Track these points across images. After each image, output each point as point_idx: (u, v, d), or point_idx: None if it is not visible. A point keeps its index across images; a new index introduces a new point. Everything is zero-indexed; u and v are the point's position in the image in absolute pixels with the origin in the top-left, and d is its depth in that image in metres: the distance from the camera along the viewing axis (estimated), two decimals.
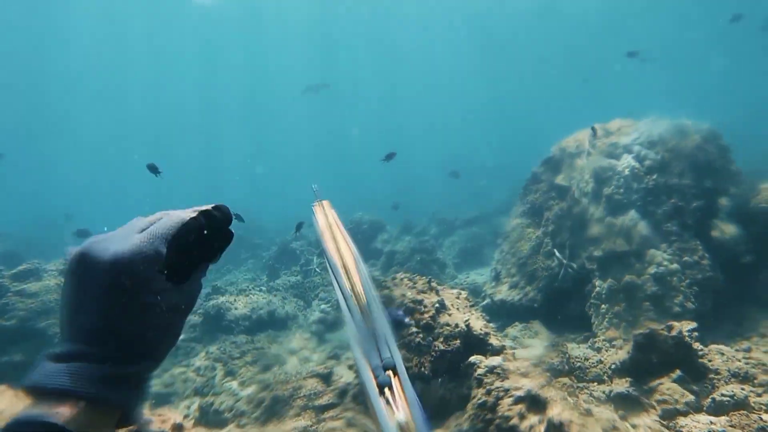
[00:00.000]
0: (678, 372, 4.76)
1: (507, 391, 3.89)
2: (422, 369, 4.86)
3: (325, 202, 1.42)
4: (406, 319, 5.72)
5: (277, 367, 6.84)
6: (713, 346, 5.51)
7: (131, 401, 0.64)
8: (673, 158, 6.50)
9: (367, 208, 14.71)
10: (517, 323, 7.04)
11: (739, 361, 5.12)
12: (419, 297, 5.55)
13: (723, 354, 5.28)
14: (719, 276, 6.13)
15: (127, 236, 0.68)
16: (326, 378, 6.13)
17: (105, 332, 0.64)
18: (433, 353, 4.96)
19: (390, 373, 0.95)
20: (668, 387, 4.66)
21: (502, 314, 7.38)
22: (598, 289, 6.30)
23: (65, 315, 0.66)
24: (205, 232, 0.74)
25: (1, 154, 18.07)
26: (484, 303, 7.81)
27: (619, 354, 5.22)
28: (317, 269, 10.20)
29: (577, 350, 5.77)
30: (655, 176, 6.48)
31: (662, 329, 4.91)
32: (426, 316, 5.27)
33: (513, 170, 14.81)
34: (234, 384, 6.51)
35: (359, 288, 1.11)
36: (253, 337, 7.73)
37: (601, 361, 5.33)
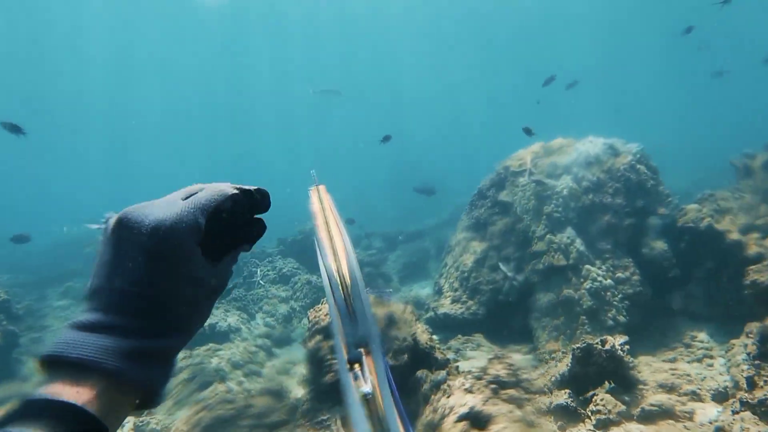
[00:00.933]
0: (611, 383, 4.98)
1: (452, 408, 3.92)
2: None
3: (322, 187, 1.42)
4: (388, 298, 5.68)
5: (218, 382, 6.57)
6: (642, 358, 5.83)
7: (159, 379, 0.61)
8: (608, 179, 6.88)
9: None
10: (459, 336, 7.16)
11: (666, 372, 5.44)
12: (371, 310, 5.55)
13: (651, 365, 5.60)
14: (648, 290, 6.49)
15: (168, 204, 0.66)
16: (277, 395, 5.97)
17: (138, 300, 0.60)
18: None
19: (363, 350, 0.96)
20: (602, 398, 4.87)
21: (445, 327, 7.48)
22: (539, 302, 6.53)
23: (97, 282, 0.62)
24: (243, 212, 0.74)
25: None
26: (428, 316, 7.88)
27: (560, 366, 5.41)
28: (261, 281, 9.95)
29: (522, 362, 5.93)
30: (590, 196, 6.82)
31: (597, 343, 5.13)
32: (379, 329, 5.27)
33: (464, 184, 15.14)
34: (168, 403, 6.21)
35: (345, 269, 1.10)
36: (191, 351, 7.41)
37: (544, 374, 5.50)
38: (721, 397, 4.95)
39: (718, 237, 6.28)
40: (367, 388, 0.87)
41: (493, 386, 4.99)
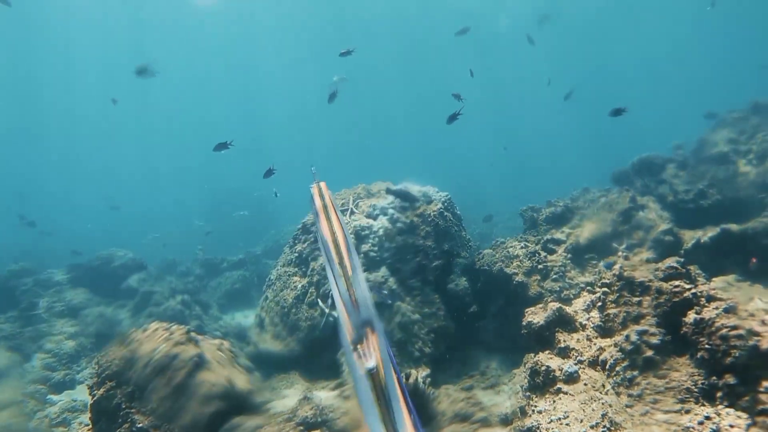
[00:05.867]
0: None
1: None
2: None
3: (322, 183, 1.62)
4: (389, 301, 6.24)
5: None
6: (444, 388, 6.28)
7: None
8: (420, 222, 7.44)
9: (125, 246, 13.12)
10: (278, 373, 7.03)
11: (462, 401, 5.94)
12: (175, 350, 5.05)
13: (450, 396, 6.06)
14: (452, 324, 7.09)
15: None
16: None
17: None
18: (188, 416, 4.53)
19: (367, 330, 1.14)
20: None
21: (268, 363, 7.26)
22: None
23: None
24: None
25: None
26: (250, 349, 7.61)
27: None
28: (44, 315, 8.47)
29: (329, 399, 5.94)
30: (404, 237, 7.30)
31: (402, 376, 5.39)
32: (181, 373, 4.81)
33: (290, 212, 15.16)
34: None
35: (347, 261, 1.32)
36: None
37: (348, 411, 5.57)
38: (505, 421, 5.57)
39: (507, 279, 7.20)
40: (371, 363, 1.04)
41: (303, 427, 4.93)
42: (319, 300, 7.15)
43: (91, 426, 4.88)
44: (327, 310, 7.07)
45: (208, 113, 48.37)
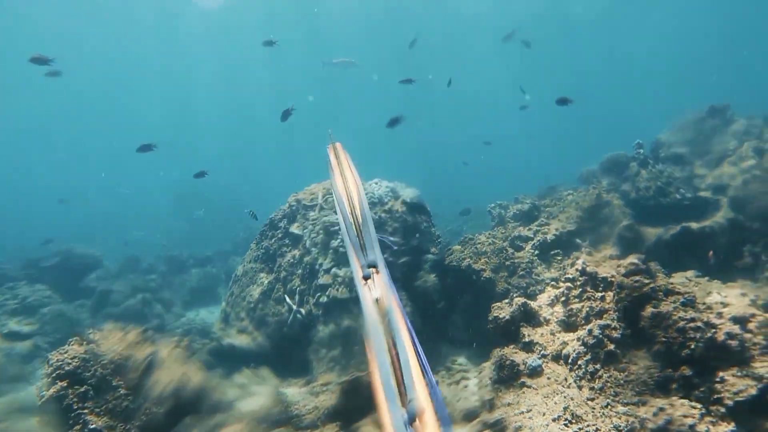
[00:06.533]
0: (375, 414, 5.22)
1: None
2: None
3: (338, 144, 1.74)
4: (394, 247, 6.64)
5: None
6: None
7: None
8: (389, 218, 7.42)
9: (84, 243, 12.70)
10: (245, 369, 6.90)
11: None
12: (129, 351, 4.95)
13: None
14: (419, 320, 7.10)
15: None
16: None
17: None
18: (143, 417, 4.43)
19: (373, 270, 1.39)
20: (368, 429, 5.08)
21: (232, 359, 7.13)
22: (320, 334, 6.63)
23: None
24: None
25: None
26: (212, 345, 7.45)
27: (332, 398, 5.51)
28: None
29: (297, 396, 5.89)
30: None
31: (365, 375, 5.37)
32: (135, 374, 4.71)
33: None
34: None
35: (358, 211, 1.51)
36: None
37: (316, 407, 5.53)
38: (468, 417, 5.59)
39: (475, 275, 7.25)
40: (377, 294, 1.26)
41: (264, 426, 4.86)
42: (286, 296, 7.06)
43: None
44: (294, 307, 6.98)
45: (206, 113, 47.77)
